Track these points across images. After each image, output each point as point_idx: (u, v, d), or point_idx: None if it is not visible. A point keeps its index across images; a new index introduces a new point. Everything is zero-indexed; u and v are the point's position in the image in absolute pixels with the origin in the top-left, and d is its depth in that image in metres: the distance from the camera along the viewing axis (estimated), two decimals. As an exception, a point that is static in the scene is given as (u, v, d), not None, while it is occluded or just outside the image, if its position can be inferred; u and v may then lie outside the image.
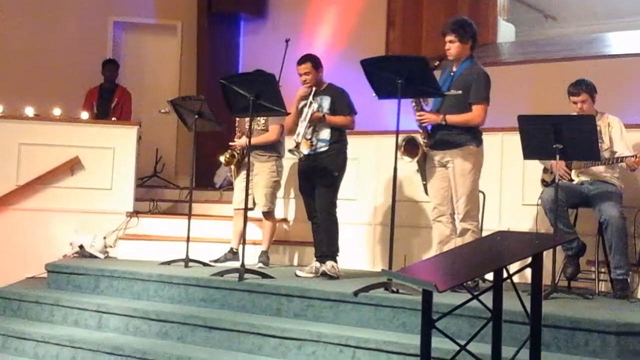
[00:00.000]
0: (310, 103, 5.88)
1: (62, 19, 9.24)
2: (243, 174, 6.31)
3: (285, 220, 7.34)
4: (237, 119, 6.47)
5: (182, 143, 9.24)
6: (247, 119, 5.89)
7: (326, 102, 5.94)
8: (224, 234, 6.84)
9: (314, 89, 5.92)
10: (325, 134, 5.91)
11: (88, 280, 6.02)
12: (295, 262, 6.99)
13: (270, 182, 6.46)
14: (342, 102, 5.93)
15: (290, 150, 5.82)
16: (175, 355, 4.81)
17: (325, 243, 5.88)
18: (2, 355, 5.47)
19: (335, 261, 5.83)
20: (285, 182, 7.08)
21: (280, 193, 6.83)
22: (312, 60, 5.98)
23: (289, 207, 7.37)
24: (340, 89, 6.00)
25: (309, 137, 5.92)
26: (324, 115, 5.87)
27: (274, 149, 6.50)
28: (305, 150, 5.93)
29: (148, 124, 8.21)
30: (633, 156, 5.24)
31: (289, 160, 6.78)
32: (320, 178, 5.89)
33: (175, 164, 9.41)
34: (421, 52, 7.93)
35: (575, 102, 5.51)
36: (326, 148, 5.90)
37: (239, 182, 6.48)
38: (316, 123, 5.89)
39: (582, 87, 5.48)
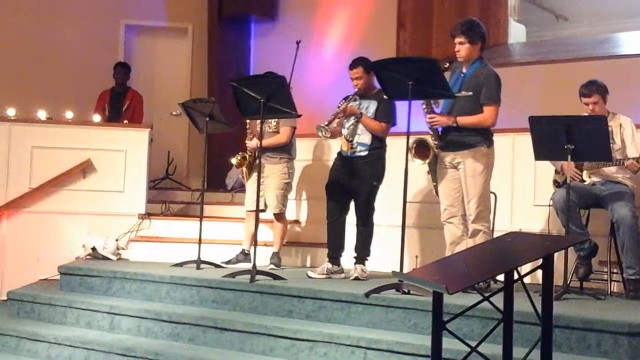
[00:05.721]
0: (348, 99, 5.90)
1: (73, 22, 9.29)
2: (255, 175, 6.32)
3: (297, 222, 7.35)
4: (249, 120, 6.49)
5: (194, 145, 9.29)
6: (259, 120, 5.90)
7: (372, 106, 5.92)
8: (235, 236, 6.85)
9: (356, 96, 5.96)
10: (366, 138, 5.88)
11: (100, 282, 6.05)
12: (308, 264, 6.99)
13: (281, 184, 6.47)
14: (383, 110, 5.87)
15: (318, 127, 5.71)
16: (186, 356, 4.83)
17: (360, 247, 5.95)
18: (16, 356, 5.50)
19: (365, 264, 5.92)
20: (297, 184, 7.08)
21: (291, 195, 6.84)
22: (364, 64, 5.92)
23: (300, 208, 7.38)
24: None
25: (350, 138, 5.92)
26: (361, 113, 5.86)
27: (285, 151, 6.50)
28: (344, 151, 5.97)
29: (159, 126, 8.24)
30: (634, 159, 5.23)
31: (301, 163, 6.78)
32: (358, 187, 5.90)
33: (187, 166, 9.44)
34: (431, 53, 7.93)
35: (586, 103, 5.48)
36: (365, 153, 5.89)
37: (251, 184, 6.48)
38: (357, 124, 5.87)
39: (594, 88, 5.46)
